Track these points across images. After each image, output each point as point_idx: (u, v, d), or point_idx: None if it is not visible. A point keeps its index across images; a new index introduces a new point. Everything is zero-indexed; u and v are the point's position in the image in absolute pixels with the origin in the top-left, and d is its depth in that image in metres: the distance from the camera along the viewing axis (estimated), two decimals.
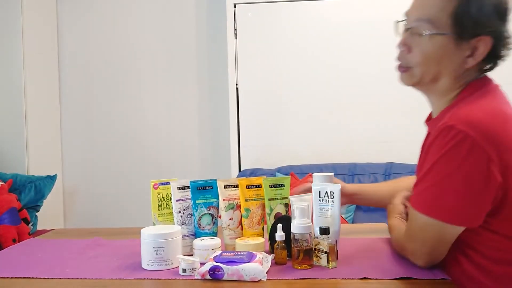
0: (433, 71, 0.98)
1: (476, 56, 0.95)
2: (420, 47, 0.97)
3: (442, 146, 0.87)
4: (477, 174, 0.85)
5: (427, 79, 0.99)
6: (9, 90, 2.83)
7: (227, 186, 1.15)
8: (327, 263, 0.96)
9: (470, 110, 0.89)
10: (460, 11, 0.93)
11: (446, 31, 0.94)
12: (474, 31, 0.93)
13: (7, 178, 2.55)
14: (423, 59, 0.97)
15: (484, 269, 0.91)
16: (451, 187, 0.87)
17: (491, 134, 0.85)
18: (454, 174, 0.86)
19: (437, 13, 0.95)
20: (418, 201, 0.93)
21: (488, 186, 0.85)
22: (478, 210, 0.87)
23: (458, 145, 0.85)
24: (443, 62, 0.96)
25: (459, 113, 0.89)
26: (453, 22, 0.94)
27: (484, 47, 0.94)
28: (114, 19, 3.17)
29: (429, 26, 0.95)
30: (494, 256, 0.90)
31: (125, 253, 1.14)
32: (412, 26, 0.99)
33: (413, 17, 1.00)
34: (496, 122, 0.88)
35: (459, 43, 0.94)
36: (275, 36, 2.90)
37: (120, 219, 3.12)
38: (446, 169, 0.87)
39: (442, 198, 0.88)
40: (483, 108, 0.90)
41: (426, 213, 0.90)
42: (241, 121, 2.93)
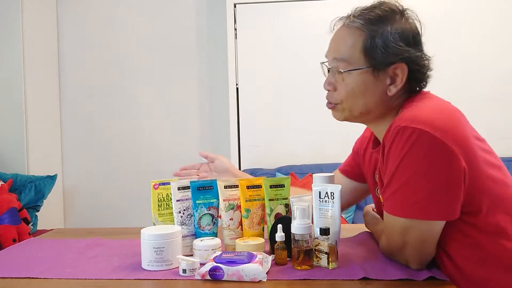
0: (360, 104, 1.03)
1: (396, 83, 1.00)
2: (342, 84, 1.03)
3: (402, 148, 0.89)
4: (441, 165, 0.87)
5: (356, 113, 1.04)
6: (9, 90, 2.83)
7: (227, 186, 1.15)
8: (327, 264, 0.96)
9: (417, 111, 0.93)
10: (368, 46, 0.99)
11: (361, 66, 1.00)
12: (386, 61, 0.98)
13: (7, 178, 2.55)
14: (347, 95, 1.03)
15: (462, 272, 0.92)
16: (420, 184, 0.88)
17: (443, 127, 0.88)
18: (420, 170, 0.88)
19: (349, 51, 1.01)
20: (390, 205, 0.94)
21: (455, 174, 0.87)
22: (452, 201, 0.88)
23: (416, 143, 0.88)
24: (367, 94, 1.01)
25: (407, 115, 0.92)
26: (365, 56, 1.00)
27: (402, 74, 1.00)
28: (114, 19, 3.17)
29: (345, 64, 1.01)
30: (470, 256, 0.92)
31: (125, 253, 1.14)
32: (331, 67, 1.06)
33: (330, 58, 1.06)
34: (443, 116, 0.92)
35: (376, 74, 1.00)
36: (275, 36, 2.90)
37: (120, 219, 3.12)
38: (410, 168, 0.89)
39: (413, 197, 0.89)
40: (427, 107, 0.95)
41: (401, 215, 0.91)
42: (241, 121, 2.93)
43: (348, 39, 1.02)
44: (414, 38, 1.01)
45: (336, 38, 1.06)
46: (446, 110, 0.96)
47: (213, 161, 1.35)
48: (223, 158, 1.35)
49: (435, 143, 0.87)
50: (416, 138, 0.88)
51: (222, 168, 1.32)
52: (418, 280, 0.89)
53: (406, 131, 0.89)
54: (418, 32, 1.03)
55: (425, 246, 0.92)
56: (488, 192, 0.92)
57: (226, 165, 1.33)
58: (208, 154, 1.36)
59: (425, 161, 0.88)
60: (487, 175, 0.93)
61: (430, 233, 0.91)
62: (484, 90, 2.78)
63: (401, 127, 0.90)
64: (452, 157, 0.87)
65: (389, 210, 0.94)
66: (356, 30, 1.01)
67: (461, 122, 0.94)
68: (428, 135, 0.87)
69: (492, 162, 0.96)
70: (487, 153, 0.96)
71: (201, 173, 1.35)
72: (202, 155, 1.36)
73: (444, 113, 0.94)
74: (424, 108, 0.95)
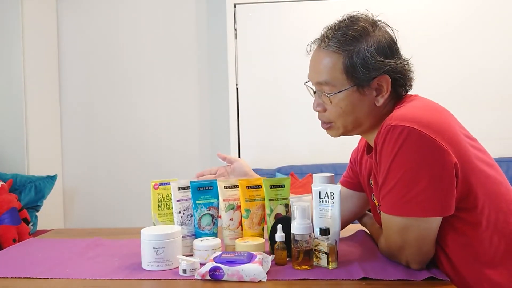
0: (351, 120, 1.04)
1: (382, 94, 1.02)
2: (330, 106, 1.04)
3: (393, 147, 0.90)
4: (432, 161, 0.88)
5: (350, 128, 1.06)
6: (9, 90, 2.83)
7: (227, 186, 1.15)
8: (327, 264, 0.96)
9: (405, 110, 0.95)
10: (349, 65, 1.00)
11: (345, 87, 1.01)
12: (368, 76, 0.99)
13: (7, 178, 2.55)
14: (337, 115, 1.04)
15: (458, 271, 0.93)
16: (412, 181, 0.89)
17: (432, 123, 0.90)
18: (411, 168, 0.89)
19: (331, 74, 1.02)
20: (386, 205, 0.94)
21: (446, 169, 0.88)
22: (446, 196, 0.89)
23: (407, 140, 0.89)
24: (356, 110, 1.03)
25: (396, 115, 0.94)
26: (347, 76, 1.01)
27: (386, 84, 1.01)
28: (114, 19, 3.17)
29: (329, 87, 1.02)
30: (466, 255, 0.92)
31: (125, 253, 1.14)
32: (316, 90, 1.07)
33: (314, 82, 1.07)
34: (431, 114, 0.93)
35: (362, 91, 1.01)
36: (275, 36, 2.90)
37: (120, 219, 3.12)
38: (402, 166, 0.90)
39: (407, 195, 0.89)
40: (415, 107, 0.97)
41: (397, 213, 0.91)
42: (241, 121, 2.93)
43: (327, 62, 1.02)
44: (390, 48, 1.02)
45: (315, 62, 1.06)
46: (434, 108, 0.98)
47: (231, 163, 1.31)
48: (242, 160, 1.31)
49: (425, 140, 0.88)
50: (406, 136, 0.89)
51: (241, 172, 1.28)
52: (418, 280, 0.89)
53: (395, 129, 0.90)
54: (393, 39, 1.04)
55: (424, 244, 0.92)
56: (482, 187, 0.93)
57: (245, 169, 1.29)
58: (226, 156, 1.32)
59: (416, 158, 0.88)
60: (480, 170, 0.93)
61: (427, 231, 0.92)
62: (483, 91, 2.78)
63: (390, 126, 0.91)
64: (443, 153, 0.88)
65: (385, 209, 0.94)
66: (333, 53, 1.01)
67: (449, 119, 0.95)
68: (417, 132, 0.88)
69: (485, 160, 0.97)
70: (478, 151, 0.97)
71: (218, 177, 1.30)
72: (220, 157, 1.32)
73: (432, 111, 0.95)
74: (412, 108, 0.96)
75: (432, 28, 2.79)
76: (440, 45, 2.79)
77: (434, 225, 0.91)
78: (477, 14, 2.79)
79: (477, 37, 2.78)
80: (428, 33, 2.78)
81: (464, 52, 2.78)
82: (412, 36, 2.74)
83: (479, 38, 2.78)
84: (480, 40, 2.78)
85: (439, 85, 2.74)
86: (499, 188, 0.96)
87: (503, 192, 0.96)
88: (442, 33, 2.79)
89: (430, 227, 0.91)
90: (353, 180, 1.28)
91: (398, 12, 2.79)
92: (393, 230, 0.95)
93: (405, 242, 0.93)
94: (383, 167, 0.93)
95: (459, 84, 2.77)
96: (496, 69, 2.77)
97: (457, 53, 2.79)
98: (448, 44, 2.78)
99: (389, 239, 0.98)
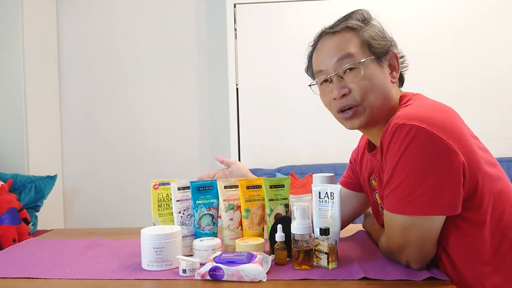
0: (376, 96, 1.03)
1: (396, 69, 1.07)
2: (355, 83, 1.03)
3: (400, 145, 0.90)
4: (440, 161, 0.88)
5: (375, 108, 1.03)
6: (9, 90, 2.83)
7: (227, 186, 1.15)
8: (327, 264, 0.96)
9: (413, 109, 0.95)
10: (365, 38, 1.04)
11: (366, 57, 1.03)
12: (384, 46, 1.05)
13: (7, 178, 2.55)
14: (365, 90, 1.02)
15: (459, 272, 0.92)
16: (419, 180, 0.88)
17: (440, 123, 0.90)
18: (418, 167, 0.89)
19: (351, 48, 1.04)
20: (390, 203, 0.94)
21: (454, 169, 0.88)
22: (452, 195, 0.88)
23: (414, 139, 0.88)
24: (379, 84, 1.03)
25: (403, 113, 0.93)
26: (366, 47, 1.04)
27: (396, 60, 1.07)
28: (114, 19, 3.17)
29: (351, 60, 1.03)
30: (467, 255, 0.92)
31: (125, 253, 1.14)
32: (337, 71, 1.04)
33: (332, 63, 1.05)
34: (439, 113, 0.94)
35: (380, 64, 1.05)
36: (275, 36, 2.90)
37: (120, 219, 3.12)
38: (409, 165, 0.89)
39: (413, 193, 0.89)
40: (422, 106, 0.97)
41: (401, 212, 0.91)
42: (241, 121, 2.93)
43: (343, 40, 1.05)
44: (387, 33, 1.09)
45: (330, 46, 1.07)
46: (441, 108, 0.98)
47: (229, 167, 1.32)
48: (239, 163, 1.32)
49: (433, 139, 0.88)
50: (414, 135, 0.88)
51: (239, 174, 1.29)
52: (418, 280, 0.89)
53: (403, 128, 0.90)
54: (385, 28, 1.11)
55: (426, 244, 0.92)
56: (487, 187, 0.92)
57: (242, 171, 1.30)
58: (224, 159, 1.33)
59: (423, 157, 0.88)
60: (484, 170, 0.93)
61: (430, 231, 0.92)
62: (483, 90, 2.78)
63: (398, 124, 0.91)
64: (450, 152, 0.88)
65: (389, 208, 0.94)
66: (345, 33, 1.05)
67: (455, 119, 0.96)
68: (426, 131, 0.88)
69: (488, 159, 0.97)
70: (482, 150, 0.97)
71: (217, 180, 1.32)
72: (218, 160, 1.33)
73: (439, 111, 0.95)
74: (419, 107, 0.96)
75: (432, 28, 2.79)
76: (440, 45, 2.79)
77: (437, 224, 0.91)
78: (477, 14, 2.79)
79: (477, 37, 2.78)
80: (429, 32, 2.78)
81: (464, 52, 2.78)
82: (413, 35, 2.75)
83: (480, 38, 2.78)
84: (480, 40, 2.78)
85: (440, 85, 2.74)
86: (503, 187, 0.96)
87: (506, 191, 0.96)
88: (443, 33, 2.79)
89: (433, 226, 0.91)
90: (353, 180, 1.28)
91: (399, 12, 2.80)
92: (395, 229, 0.94)
93: (406, 242, 0.93)
94: (389, 165, 0.93)
95: (459, 84, 2.77)
96: (496, 69, 2.77)
97: (457, 53, 2.79)
98: (448, 44, 2.79)
99: (390, 238, 0.97)
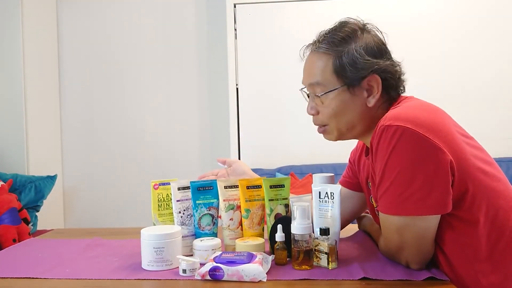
0: (344, 122, 1.06)
1: (374, 95, 1.04)
2: (323, 107, 1.06)
3: (387, 146, 0.91)
4: (427, 160, 0.88)
5: (344, 130, 1.07)
6: (9, 90, 2.83)
7: (227, 186, 1.15)
8: (327, 264, 0.96)
9: (399, 111, 0.96)
10: (338, 66, 1.03)
11: (335, 86, 1.03)
12: (358, 76, 1.02)
13: (7, 178, 2.55)
14: (330, 116, 1.06)
15: (455, 271, 0.92)
16: (408, 180, 0.89)
17: (425, 122, 0.90)
18: (406, 167, 0.89)
19: (322, 75, 1.05)
20: (383, 205, 0.94)
21: (441, 168, 0.88)
22: (441, 194, 0.89)
23: (400, 140, 0.89)
24: (348, 111, 1.04)
25: (390, 115, 0.94)
26: (337, 76, 1.03)
27: (376, 84, 1.03)
28: (114, 19, 3.17)
29: (321, 88, 1.05)
30: (464, 255, 0.92)
31: (125, 253, 1.14)
32: (308, 92, 1.10)
33: (306, 84, 1.09)
34: (424, 113, 0.94)
35: (352, 91, 1.03)
36: (275, 36, 2.90)
37: (120, 219, 3.12)
38: (397, 166, 0.90)
39: (403, 194, 0.89)
40: (409, 107, 0.98)
41: (395, 213, 0.92)
42: (241, 121, 2.93)
43: (318, 64, 1.06)
44: (379, 49, 1.04)
45: (307, 65, 1.10)
46: (428, 108, 0.98)
47: (230, 166, 1.34)
48: (240, 162, 1.35)
49: (419, 139, 0.88)
50: (399, 136, 0.89)
51: (240, 171, 1.31)
52: (418, 280, 0.89)
53: (389, 129, 0.90)
54: (382, 42, 1.07)
55: (423, 243, 0.93)
56: (480, 185, 0.92)
57: (243, 168, 1.32)
58: (225, 159, 1.35)
59: (410, 157, 0.89)
60: (477, 168, 0.93)
61: (425, 230, 0.92)
62: (483, 90, 2.78)
63: (384, 126, 0.92)
64: (437, 151, 0.88)
65: (382, 209, 0.95)
66: (323, 54, 1.05)
67: (443, 118, 0.96)
68: (411, 131, 0.88)
69: (482, 158, 0.97)
70: (475, 149, 0.97)
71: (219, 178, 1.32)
72: (220, 161, 1.35)
73: (425, 111, 0.96)
74: (406, 108, 0.97)
75: (432, 29, 2.79)
76: (440, 45, 2.78)
77: (431, 224, 0.91)
78: (477, 15, 2.79)
79: (477, 37, 2.78)
80: (429, 33, 2.78)
81: (464, 52, 2.78)
82: (412, 36, 2.74)
83: (480, 38, 2.78)
84: (480, 40, 2.78)
85: (439, 85, 2.74)
86: (498, 185, 0.96)
87: (502, 189, 0.96)
88: (443, 34, 2.79)
89: (428, 226, 0.91)
90: (352, 180, 1.28)
91: (398, 13, 2.80)
92: (391, 230, 0.95)
93: (403, 242, 0.93)
94: (379, 167, 0.93)
95: (459, 84, 2.77)
96: (496, 69, 2.77)
97: (457, 53, 2.78)
98: (448, 44, 2.78)
99: (387, 239, 0.98)
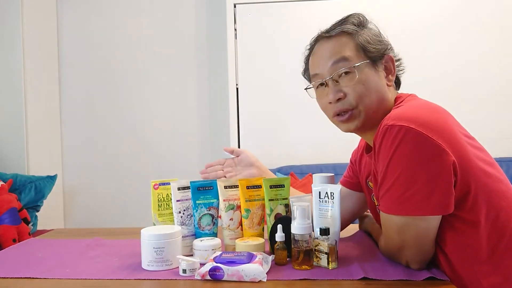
0: (372, 100, 1.04)
1: (392, 73, 1.08)
2: (350, 87, 1.04)
3: (390, 146, 0.90)
4: (430, 160, 0.88)
5: (371, 111, 1.04)
6: (9, 90, 2.83)
7: (227, 186, 1.15)
8: (327, 264, 0.96)
9: (402, 109, 0.96)
10: (361, 42, 1.05)
11: (361, 61, 1.04)
12: (378, 52, 1.06)
13: (7, 178, 2.55)
14: (360, 93, 1.03)
15: (456, 272, 0.92)
16: (410, 180, 0.89)
17: (428, 122, 0.90)
18: (409, 167, 0.89)
19: (346, 51, 1.05)
20: (385, 204, 0.94)
21: (444, 168, 0.88)
22: (444, 195, 0.88)
23: (404, 140, 0.89)
24: (374, 87, 1.04)
25: (393, 114, 0.94)
26: (362, 51, 1.05)
27: (392, 63, 1.08)
28: (114, 19, 3.17)
29: (346, 63, 1.04)
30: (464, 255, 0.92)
31: (125, 253, 1.14)
32: (332, 75, 1.05)
33: (328, 67, 1.06)
34: (428, 113, 0.94)
35: (375, 67, 1.06)
36: (275, 36, 2.90)
37: (120, 219, 3.12)
38: (400, 165, 0.90)
39: (405, 194, 0.89)
40: (412, 106, 0.98)
41: (396, 212, 0.91)
42: (241, 121, 2.93)
43: (340, 42, 1.06)
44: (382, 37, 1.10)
45: (324, 51, 1.08)
46: (431, 108, 0.98)
47: (238, 155, 1.34)
48: (248, 152, 1.34)
49: (422, 139, 0.88)
50: (403, 136, 0.89)
51: (247, 162, 1.31)
52: (418, 280, 0.89)
53: (393, 129, 0.90)
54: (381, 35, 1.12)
55: (423, 243, 0.93)
56: (482, 186, 0.92)
57: (251, 159, 1.32)
58: (233, 148, 1.35)
59: (413, 157, 0.89)
60: (479, 169, 0.93)
61: (426, 230, 0.92)
62: (483, 90, 2.78)
63: (388, 125, 0.91)
64: (440, 151, 0.88)
65: (384, 209, 0.95)
66: (341, 36, 1.07)
67: (446, 118, 0.95)
68: (414, 131, 0.88)
69: (484, 158, 0.97)
70: (477, 150, 0.97)
71: (226, 168, 1.33)
72: (227, 151, 1.35)
73: (429, 111, 0.95)
74: (410, 107, 0.97)
75: (432, 28, 2.79)
76: (440, 45, 2.78)
77: (433, 224, 0.91)
78: (477, 13, 2.79)
79: (477, 37, 2.78)
80: (428, 32, 2.78)
81: (464, 52, 2.78)
82: (412, 35, 2.74)
83: (479, 37, 2.78)
84: (480, 40, 2.78)
85: (439, 85, 2.74)
86: (499, 186, 0.96)
87: (503, 189, 0.96)
88: (442, 33, 2.79)
89: (429, 226, 0.91)
90: (353, 180, 1.28)
91: (398, 12, 2.79)
92: (392, 230, 0.95)
93: (404, 242, 0.93)
94: (381, 167, 0.93)
95: (459, 84, 2.77)
96: (496, 69, 2.77)
97: (457, 53, 2.78)
98: (448, 44, 2.78)
99: (388, 239, 0.98)
